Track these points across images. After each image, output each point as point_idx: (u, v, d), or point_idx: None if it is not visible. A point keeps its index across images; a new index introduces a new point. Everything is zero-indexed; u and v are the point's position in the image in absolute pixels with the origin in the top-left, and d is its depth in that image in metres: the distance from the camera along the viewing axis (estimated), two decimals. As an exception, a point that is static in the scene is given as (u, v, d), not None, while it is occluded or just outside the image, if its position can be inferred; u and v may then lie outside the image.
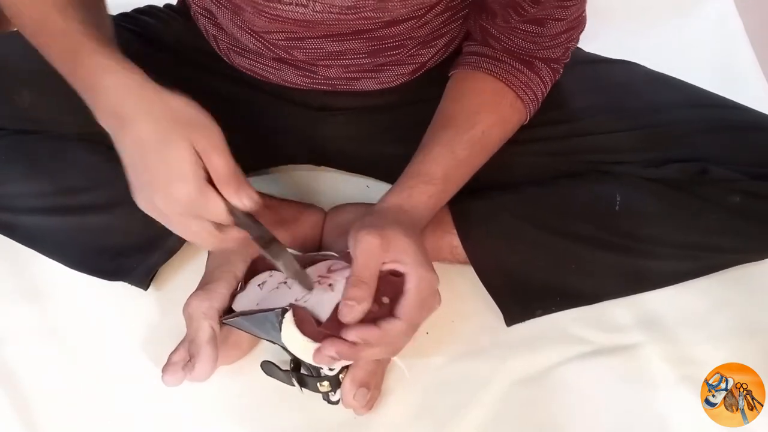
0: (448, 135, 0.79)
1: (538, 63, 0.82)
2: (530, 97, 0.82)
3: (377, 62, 0.85)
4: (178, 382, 0.76)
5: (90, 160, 0.87)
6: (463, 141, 0.79)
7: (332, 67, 0.85)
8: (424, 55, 0.86)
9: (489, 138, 0.80)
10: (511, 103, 0.81)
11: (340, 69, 0.85)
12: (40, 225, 0.87)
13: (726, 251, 0.86)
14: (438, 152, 0.78)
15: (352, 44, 0.81)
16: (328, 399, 0.77)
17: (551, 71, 0.83)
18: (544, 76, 0.82)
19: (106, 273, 0.88)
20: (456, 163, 0.78)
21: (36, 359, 0.84)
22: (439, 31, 0.84)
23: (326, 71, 0.86)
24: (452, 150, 0.78)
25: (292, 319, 0.69)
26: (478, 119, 0.80)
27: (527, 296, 0.85)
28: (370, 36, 0.80)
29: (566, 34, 0.80)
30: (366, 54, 0.83)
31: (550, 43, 0.80)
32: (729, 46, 1.16)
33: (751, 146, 0.85)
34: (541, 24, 0.78)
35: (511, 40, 0.80)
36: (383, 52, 0.83)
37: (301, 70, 0.86)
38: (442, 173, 0.77)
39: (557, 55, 0.82)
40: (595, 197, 0.85)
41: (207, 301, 0.78)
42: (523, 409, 0.80)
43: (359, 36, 0.80)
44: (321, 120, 0.91)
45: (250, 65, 0.88)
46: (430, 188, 0.77)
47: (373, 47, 0.82)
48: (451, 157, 0.78)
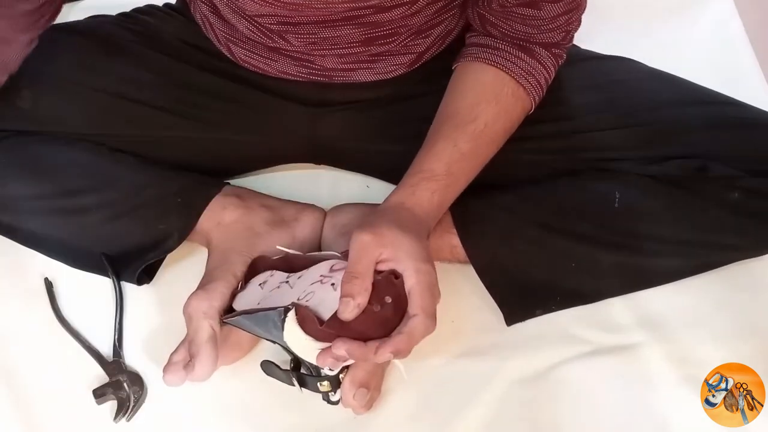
0: (450, 129, 0.79)
1: (538, 49, 0.81)
2: (532, 84, 0.81)
3: (372, 51, 0.85)
4: (180, 382, 0.77)
5: (91, 162, 0.87)
6: (466, 134, 0.78)
7: (327, 56, 0.85)
8: (419, 46, 0.86)
9: (492, 129, 0.80)
10: (512, 92, 0.81)
11: (336, 59, 0.85)
12: (41, 226, 0.88)
13: (726, 248, 0.86)
14: (440, 147, 0.78)
15: (344, 30, 0.81)
16: (328, 399, 0.77)
17: (553, 56, 0.82)
18: (546, 62, 0.82)
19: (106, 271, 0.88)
20: (459, 156, 0.78)
21: (37, 358, 0.84)
22: (434, 20, 0.84)
23: (322, 61, 0.85)
24: (454, 144, 0.78)
25: (295, 318, 0.69)
26: (479, 111, 0.79)
27: (527, 296, 0.85)
28: (362, 22, 0.80)
29: (565, 17, 0.79)
30: (360, 42, 0.83)
31: (548, 26, 0.80)
32: (729, 46, 1.16)
33: (751, 143, 0.85)
34: (537, 7, 0.77)
35: (509, 24, 0.80)
36: (377, 40, 0.83)
37: (297, 60, 0.86)
38: (445, 168, 0.77)
39: (557, 39, 0.81)
40: (594, 195, 0.85)
41: (207, 300, 0.78)
42: (523, 409, 0.80)
43: (351, 22, 0.80)
44: (319, 117, 0.91)
45: (247, 56, 0.88)
46: (432, 184, 0.76)
47: (366, 35, 0.82)
48: (453, 151, 0.78)
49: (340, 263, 0.76)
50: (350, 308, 0.68)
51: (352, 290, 0.68)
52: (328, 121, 0.91)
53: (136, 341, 0.85)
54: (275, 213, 0.89)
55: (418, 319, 0.69)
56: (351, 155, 0.96)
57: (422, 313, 0.69)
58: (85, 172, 0.87)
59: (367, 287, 0.69)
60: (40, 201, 0.86)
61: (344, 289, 0.69)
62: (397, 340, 0.68)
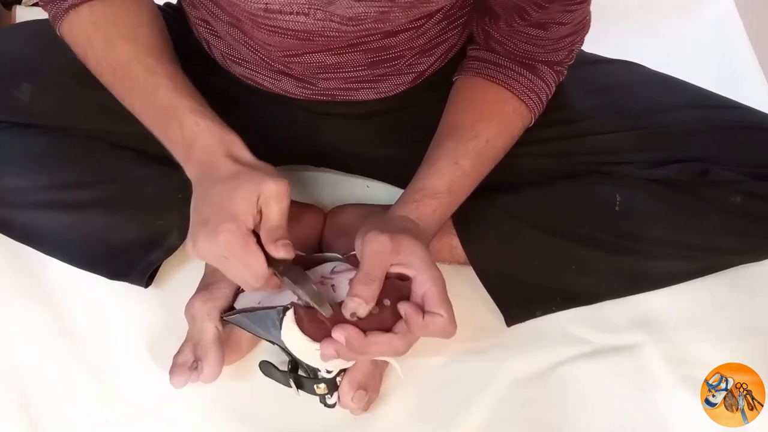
0: (451, 146, 0.78)
1: (540, 66, 0.81)
2: (534, 101, 0.81)
3: (376, 73, 0.84)
4: (186, 383, 0.77)
5: (90, 155, 0.86)
6: (468, 151, 0.78)
7: (331, 79, 0.85)
8: (423, 64, 0.86)
9: (493, 147, 0.79)
10: (514, 109, 0.80)
11: (339, 81, 0.85)
12: (38, 221, 0.87)
13: (726, 252, 0.86)
14: (441, 165, 0.77)
15: (350, 56, 0.80)
16: (325, 402, 0.77)
17: (555, 73, 0.82)
18: (548, 79, 0.81)
19: (106, 271, 0.87)
20: (461, 174, 0.77)
21: (39, 358, 0.84)
22: (438, 39, 0.84)
23: (325, 83, 0.85)
24: (456, 161, 0.77)
25: (293, 318, 0.69)
26: (480, 128, 0.79)
27: (527, 296, 0.85)
28: (368, 48, 0.79)
29: (570, 38, 0.79)
30: (365, 66, 0.82)
31: (553, 47, 0.79)
32: (729, 46, 1.16)
33: (752, 147, 0.85)
34: (544, 28, 0.77)
35: (514, 43, 0.79)
36: (382, 63, 0.82)
37: (300, 81, 0.85)
38: (447, 186, 0.77)
39: (560, 58, 0.81)
40: (595, 198, 0.85)
41: (210, 302, 0.78)
42: (523, 409, 0.80)
43: (357, 48, 0.79)
44: (321, 124, 0.91)
45: (249, 74, 0.88)
46: (434, 202, 0.76)
47: (371, 59, 0.81)
48: (455, 168, 0.77)
49: (342, 265, 0.76)
50: (360, 308, 0.67)
51: (367, 293, 0.67)
52: (330, 129, 0.91)
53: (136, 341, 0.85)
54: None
55: (444, 320, 0.68)
56: (351, 159, 0.95)
57: (447, 315, 0.68)
58: (84, 165, 0.86)
59: (378, 293, 0.68)
60: (37, 194, 0.85)
61: (358, 290, 0.67)
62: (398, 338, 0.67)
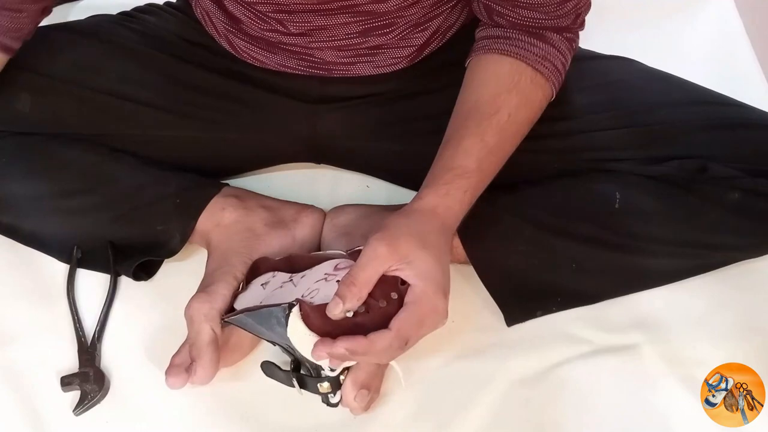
0: (474, 123, 0.77)
1: (548, 33, 0.80)
2: (549, 69, 0.80)
3: (370, 43, 0.84)
4: (182, 384, 0.77)
5: (90, 162, 0.87)
6: (491, 127, 0.76)
7: (326, 49, 0.85)
8: (418, 39, 0.85)
9: (516, 120, 0.78)
10: (531, 78, 0.79)
11: (335, 51, 0.85)
12: (41, 226, 0.88)
13: (725, 249, 0.86)
14: (468, 143, 0.76)
15: (340, 19, 0.81)
16: (328, 401, 0.77)
17: (566, 40, 0.81)
18: (559, 46, 0.80)
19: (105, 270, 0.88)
20: (487, 151, 0.76)
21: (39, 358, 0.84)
22: (432, 12, 0.84)
23: (321, 54, 0.85)
24: (482, 138, 0.76)
25: (299, 314, 0.68)
26: (501, 102, 0.77)
27: (527, 296, 0.85)
28: (357, 11, 0.80)
29: (573, 1, 0.78)
30: (357, 33, 0.83)
31: (557, 12, 0.78)
32: (729, 46, 1.16)
33: (751, 143, 0.85)
34: None
35: (516, 11, 0.78)
36: (374, 31, 0.83)
37: (296, 54, 0.86)
38: (476, 164, 0.75)
39: (567, 23, 0.80)
40: (594, 196, 0.85)
41: (208, 303, 0.78)
42: (523, 409, 0.80)
43: (346, 11, 0.80)
44: (319, 114, 0.91)
45: (248, 48, 0.89)
46: (464, 182, 0.74)
47: (363, 26, 0.82)
48: (481, 146, 0.76)
49: (345, 262, 0.76)
50: (336, 309, 0.67)
51: (345, 294, 0.68)
52: (328, 119, 0.91)
53: (137, 341, 0.85)
54: (274, 214, 0.89)
55: (387, 336, 0.66)
56: (351, 154, 0.95)
57: (395, 335, 0.67)
58: (85, 172, 0.87)
59: (362, 297, 0.68)
60: (40, 201, 0.86)
61: (339, 289, 0.68)
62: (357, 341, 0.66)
